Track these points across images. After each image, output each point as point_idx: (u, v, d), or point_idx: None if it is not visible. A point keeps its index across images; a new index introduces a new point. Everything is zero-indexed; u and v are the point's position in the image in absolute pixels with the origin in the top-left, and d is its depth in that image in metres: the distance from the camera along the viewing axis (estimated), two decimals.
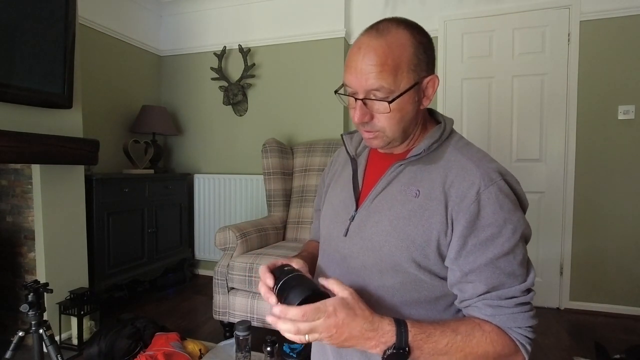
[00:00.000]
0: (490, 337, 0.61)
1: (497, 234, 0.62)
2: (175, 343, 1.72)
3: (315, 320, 0.55)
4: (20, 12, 1.63)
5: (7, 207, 1.94)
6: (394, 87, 0.63)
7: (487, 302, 0.63)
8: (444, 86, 2.63)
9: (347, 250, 0.73)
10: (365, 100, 0.65)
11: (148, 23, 3.11)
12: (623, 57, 2.31)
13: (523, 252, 0.64)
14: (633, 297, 2.34)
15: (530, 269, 0.66)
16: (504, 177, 0.66)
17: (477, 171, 0.65)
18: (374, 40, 0.63)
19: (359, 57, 0.63)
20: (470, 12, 2.55)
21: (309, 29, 2.82)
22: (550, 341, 2.01)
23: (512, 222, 0.62)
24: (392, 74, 0.62)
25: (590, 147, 2.39)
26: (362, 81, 0.63)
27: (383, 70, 0.62)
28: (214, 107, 3.13)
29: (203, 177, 3.10)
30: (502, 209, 0.62)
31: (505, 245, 0.62)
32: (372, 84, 0.63)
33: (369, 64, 0.62)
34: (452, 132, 0.74)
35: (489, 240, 0.62)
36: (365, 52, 0.63)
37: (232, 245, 2.01)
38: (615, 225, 2.36)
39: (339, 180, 0.85)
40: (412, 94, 0.65)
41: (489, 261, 0.62)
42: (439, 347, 0.59)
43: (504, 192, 0.64)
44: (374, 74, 0.62)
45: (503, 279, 0.62)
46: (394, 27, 0.64)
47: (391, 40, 0.63)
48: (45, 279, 1.85)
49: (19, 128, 1.74)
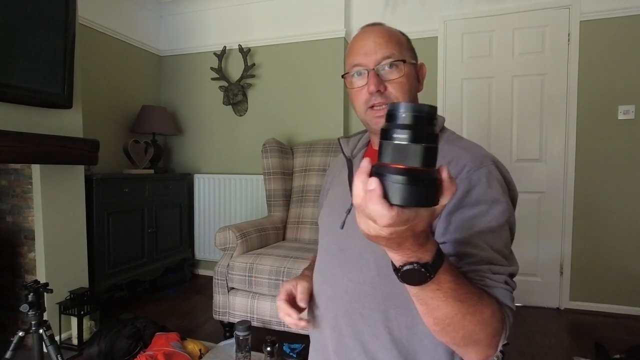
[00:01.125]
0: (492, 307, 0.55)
1: (485, 212, 0.62)
2: (175, 343, 1.72)
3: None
4: (21, 12, 1.63)
5: (7, 207, 1.94)
6: (400, 55, 0.72)
7: (482, 274, 0.59)
8: (444, 86, 2.63)
9: (344, 242, 0.75)
10: (378, 71, 0.72)
11: (148, 23, 3.11)
12: (623, 57, 2.31)
13: (508, 238, 0.64)
14: (633, 297, 2.34)
15: (513, 258, 0.64)
16: (495, 164, 0.68)
17: (469, 156, 0.67)
18: (376, 27, 0.75)
19: (366, 37, 0.73)
20: (470, 12, 2.55)
21: (309, 29, 2.82)
22: (550, 341, 2.01)
23: (500, 203, 0.63)
24: (398, 45, 0.73)
25: (590, 147, 2.39)
26: (373, 54, 0.71)
27: (391, 41, 0.72)
28: (214, 107, 3.13)
29: (203, 177, 3.10)
30: (491, 189, 0.63)
31: (492, 223, 0.62)
32: (383, 52, 0.71)
33: (377, 38, 0.72)
34: (443, 128, 0.78)
35: (477, 217, 0.62)
36: (371, 32, 0.74)
37: (232, 245, 2.01)
38: (616, 225, 2.36)
39: (336, 182, 0.87)
40: (414, 70, 0.75)
41: (477, 233, 0.62)
42: (457, 294, 0.50)
43: (494, 176, 0.65)
44: (384, 45, 0.71)
45: (491, 254, 0.60)
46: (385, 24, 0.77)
47: (388, 27, 0.76)
48: (45, 279, 1.85)
49: (19, 128, 1.74)
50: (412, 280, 0.47)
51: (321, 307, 0.79)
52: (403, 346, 0.68)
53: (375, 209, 0.35)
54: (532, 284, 2.52)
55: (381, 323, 0.69)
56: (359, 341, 0.71)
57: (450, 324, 0.51)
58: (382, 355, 0.69)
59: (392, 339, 0.68)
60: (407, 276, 0.46)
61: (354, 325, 0.72)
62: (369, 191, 0.35)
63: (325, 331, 0.77)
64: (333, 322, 0.75)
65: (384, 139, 0.36)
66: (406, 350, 0.68)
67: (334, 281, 0.76)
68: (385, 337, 0.69)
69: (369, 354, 0.70)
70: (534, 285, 2.51)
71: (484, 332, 0.53)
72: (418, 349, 0.68)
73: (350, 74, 0.75)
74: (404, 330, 0.68)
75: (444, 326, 0.52)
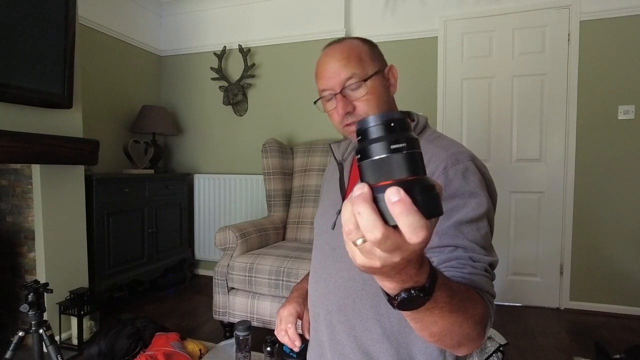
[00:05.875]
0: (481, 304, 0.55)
1: (463, 204, 0.63)
2: (175, 343, 1.72)
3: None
4: (20, 12, 1.63)
5: (7, 207, 1.94)
6: (363, 72, 0.73)
7: (462, 262, 0.60)
8: (444, 86, 2.63)
9: (335, 241, 0.77)
10: (344, 91, 0.73)
11: (148, 23, 3.11)
12: (623, 57, 2.31)
13: (487, 229, 0.64)
14: (633, 297, 2.34)
15: (493, 251, 0.65)
16: (473, 160, 0.69)
17: (445, 154, 0.68)
18: (335, 46, 0.76)
19: (327, 61, 0.75)
20: (470, 12, 2.55)
21: (309, 29, 2.82)
22: (550, 341, 2.01)
23: (477, 196, 0.64)
24: (359, 62, 0.73)
25: (590, 147, 2.39)
26: (336, 77, 0.73)
27: (350, 61, 0.73)
28: (214, 107, 3.13)
29: (203, 177, 3.10)
30: (467, 184, 0.65)
31: (469, 214, 0.63)
32: (345, 74, 0.72)
33: (337, 60, 0.73)
34: (425, 127, 0.79)
35: (454, 210, 0.63)
36: (331, 54, 0.75)
37: (232, 245, 2.01)
38: (615, 225, 2.36)
39: (328, 186, 0.91)
40: (380, 79, 0.75)
41: (453, 224, 0.63)
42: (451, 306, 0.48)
43: (471, 171, 0.67)
44: (344, 66, 0.73)
45: (469, 244, 0.62)
46: (347, 38, 0.78)
47: (347, 42, 0.76)
48: (45, 279, 1.85)
49: (19, 128, 1.74)
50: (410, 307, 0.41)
51: (317, 305, 0.81)
52: (395, 339, 0.70)
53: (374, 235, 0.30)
54: (532, 284, 2.52)
55: (373, 317, 0.71)
56: (352, 336, 0.73)
57: (447, 334, 0.49)
58: (375, 348, 0.71)
59: (383, 333, 0.70)
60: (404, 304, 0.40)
61: (346, 321, 0.74)
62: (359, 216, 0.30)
63: (321, 327, 0.79)
64: (327, 319, 0.77)
65: (362, 159, 0.32)
66: (398, 342, 0.70)
67: (327, 279, 0.79)
68: (377, 330, 0.71)
69: (361, 347, 0.72)
70: (534, 285, 2.51)
71: (476, 330, 0.53)
72: (410, 341, 0.70)
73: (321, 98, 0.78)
74: (396, 324, 0.70)
75: (440, 337, 0.50)
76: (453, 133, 2.62)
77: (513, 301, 2.55)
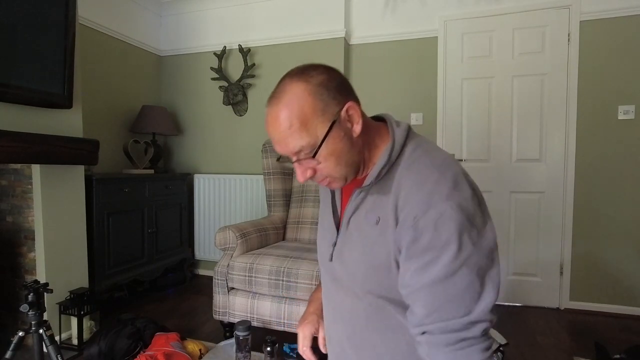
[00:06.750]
0: None
1: (436, 258, 0.59)
2: (175, 343, 1.72)
3: None
4: (21, 12, 1.63)
5: (7, 207, 1.94)
6: (312, 141, 0.63)
7: (428, 338, 0.61)
8: (444, 86, 2.63)
9: (334, 272, 0.77)
10: (299, 160, 0.66)
11: (148, 23, 3.11)
12: (623, 57, 2.31)
13: (470, 278, 0.59)
14: (633, 297, 2.34)
15: (483, 296, 0.60)
16: (449, 200, 0.60)
17: (419, 195, 0.62)
18: (275, 107, 0.64)
19: (271, 129, 0.65)
20: (470, 12, 2.55)
21: (309, 29, 2.82)
22: (550, 341, 2.01)
23: (450, 247, 0.58)
24: (304, 130, 0.63)
25: (590, 147, 2.39)
26: (284, 148, 0.65)
27: (293, 132, 0.63)
28: (214, 107, 3.13)
29: (203, 177, 3.10)
30: (440, 234, 0.59)
31: (441, 271, 0.59)
32: (292, 147, 0.64)
33: (280, 132, 0.64)
34: (405, 144, 0.69)
35: (427, 265, 0.60)
36: (273, 122, 0.64)
37: (232, 245, 2.01)
38: (615, 225, 2.36)
39: (324, 201, 0.89)
40: (336, 133, 0.64)
41: (424, 285, 0.60)
42: None
43: (446, 216, 0.59)
44: (288, 139, 0.64)
45: (441, 306, 0.60)
46: (287, 85, 0.65)
47: (288, 100, 0.63)
48: (45, 279, 1.85)
49: (19, 128, 1.74)
50: None
51: (329, 328, 0.83)
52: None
53: None
54: (532, 284, 2.52)
55: (381, 343, 0.71)
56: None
57: None
58: None
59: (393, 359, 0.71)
60: None
61: (356, 348, 0.75)
62: None
63: (335, 349, 0.81)
64: (339, 344, 0.79)
65: None
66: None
67: (334, 307, 0.80)
68: (387, 357, 0.71)
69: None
70: (534, 285, 2.51)
71: None
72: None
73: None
74: (405, 347, 0.70)
75: None
76: (453, 133, 2.62)
77: (513, 301, 2.55)
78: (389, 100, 2.76)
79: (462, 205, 0.60)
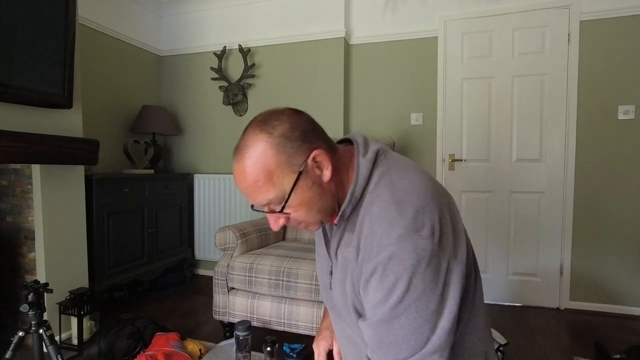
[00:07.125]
0: None
1: (383, 299, 0.59)
2: (175, 343, 1.72)
3: None
4: (21, 12, 1.63)
5: (7, 207, 1.94)
6: (280, 193, 0.63)
7: None
8: (444, 86, 2.63)
9: (334, 300, 0.78)
10: (270, 211, 0.67)
11: (148, 23, 3.11)
12: (623, 57, 2.31)
13: (418, 322, 0.58)
14: (633, 297, 2.34)
15: (432, 339, 0.58)
16: (401, 240, 0.58)
17: (375, 235, 0.61)
18: (240, 164, 0.63)
19: (238, 183, 0.65)
20: (470, 12, 2.55)
21: (309, 29, 2.82)
22: (550, 341, 2.01)
23: (399, 288, 0.57)
24: (270, 184, 0.62)
25: (590, 147, 2.39)
26: (253, 201, 0.65)
27: (259, 187, 0.62)
28: (214, 107, 3.13)
29: (203, 177, 3.10)
30: (387, 276, 0.58)
31: (386, 314, 0.59)
32: (260, 201, 0.64)
33: (246, 186, 0.63)
34: (371, 175, 0.67)
35: (375, 305, 0.61)
36: (239, 176, 0.64)
37: (232, 245, 2.01)
38: (615, 225, 2.36)
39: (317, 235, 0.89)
40: (304, 183, 0.64)
41: (372, 324, 0.62)
42: None
43: (396, 257, 0.57)
44: (255, 194, 0.63)
45: (383, 346, 0.61)
46: (250, 139, 0.63)
47: (250, 155, 0.62)
48: (45, 279, 1.86)
49: (19, 128, 1.74)
50: None
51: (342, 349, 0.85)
52: None
53: None
54: (532, 284, 2.52)
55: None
56: None
57: None
58: None
59: None
60: None
61: None
62: None
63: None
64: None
65: None
66: None
67: (338, 332, 0.83)
68: None
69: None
70: (534, 285, 2.51)
71: None
72: None
73: None
74: None
75: None
76: (453, 133, 2.62)
77: (513, 301, 2.55)
78: (389, 100, 2.76)
79: (416, 246, 0.57)
